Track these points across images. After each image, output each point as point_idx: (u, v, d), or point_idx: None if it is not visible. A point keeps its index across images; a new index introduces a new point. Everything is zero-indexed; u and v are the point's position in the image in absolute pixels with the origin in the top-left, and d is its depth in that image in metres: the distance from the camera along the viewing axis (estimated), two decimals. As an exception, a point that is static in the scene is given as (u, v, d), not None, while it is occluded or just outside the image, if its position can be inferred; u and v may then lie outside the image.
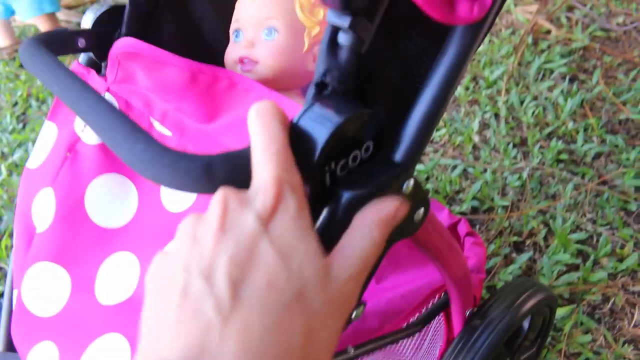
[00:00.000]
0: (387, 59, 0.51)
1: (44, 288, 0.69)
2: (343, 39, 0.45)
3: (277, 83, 0.70)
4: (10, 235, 1.48)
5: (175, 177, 0.39)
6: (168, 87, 0.67)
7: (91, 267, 0.68)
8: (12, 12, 2.39)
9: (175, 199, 0.65)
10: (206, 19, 0.83)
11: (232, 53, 0.73)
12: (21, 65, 2.31)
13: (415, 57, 0.53)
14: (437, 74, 0.46)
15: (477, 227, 1.24)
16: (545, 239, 1.19)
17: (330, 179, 0.43)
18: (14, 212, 1.60)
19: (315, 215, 0.43)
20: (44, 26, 2.31)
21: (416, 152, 0.46)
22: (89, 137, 0.69)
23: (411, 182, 0.45)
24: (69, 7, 2.52)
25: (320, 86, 0.45)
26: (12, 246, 1.45)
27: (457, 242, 0.89)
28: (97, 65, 0.78)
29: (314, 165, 0.41)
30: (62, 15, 2.46)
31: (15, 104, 2.07)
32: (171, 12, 0.79)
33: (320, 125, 0.41)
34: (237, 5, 0.75)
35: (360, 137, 0.44)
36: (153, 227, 0.66)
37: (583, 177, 1.29)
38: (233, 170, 0.39)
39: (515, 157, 1.36)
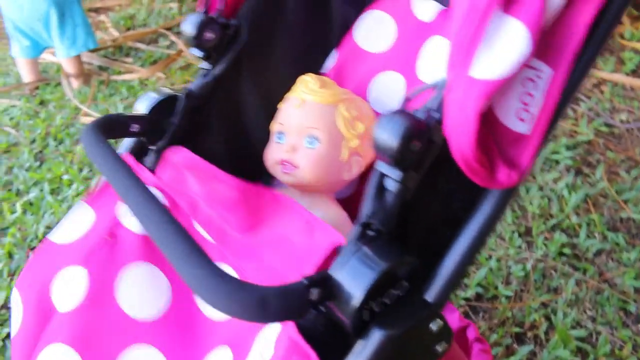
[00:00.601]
0: (425, 198, 0.54)
1: None
2: (391, 185, 0.50)
3: (313, 188, 0.75)
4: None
5: (230, 306, 0.43)
6: (215, 197, 0.69)
7: (109, 357, 0.66)
8: (42, 50, 2.45)
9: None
10: (253, 110, 0.87)
11: (274, 154, 0.76)
12: (41, 103, 2.36)
13: (449, 193, 0.57)
14: (472, 225, 0.50)
15: (481, 314, 1.27)
16: (546, 332, 1.22)
17: (368, 315, 0.47)
18: (25, 252, 1.63)
19: (349, 347, 0.48)
20: (70, 65, 2.38)
21: (448, 294, 0.50)
22: (132, 224, 0.70)
23: (440, 322, 0.49)
24: (91, 51, 2.59)
25: (365, 227, 0.49)
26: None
27: (464, 348, 0.93)
28: (142, 149, 0.81)
29: (358, 304, 0.45)
30: (84, 57, 2.52)
31: (34, 141, 2.11)
32: (220, 106, 0.83)
33: (368, 268, 0.46)
34: (282, 109, 0.79)
35: (397, 277, 0.48)
36: (185, 326, 0.67)
37: (584, 273, 1.33)
38: (285, 305, 0.43)
39: (520, 247, 1.41)
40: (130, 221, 0.70)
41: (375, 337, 0.46)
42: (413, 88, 0.52)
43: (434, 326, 0.49)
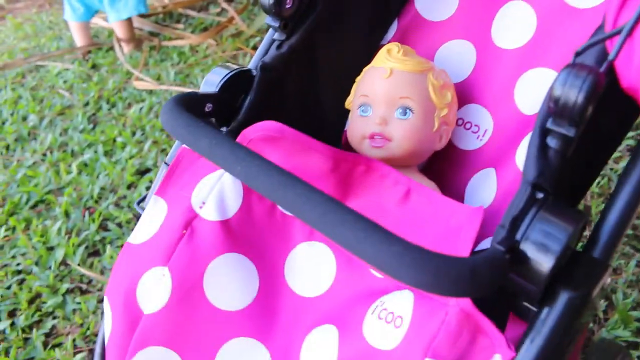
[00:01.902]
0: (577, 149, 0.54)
1: None
2: (553, 142, 0.48)
3: (404, 161, 0.71)
4: (77, 234, 1.51)
5: (440, 282, 0.39)
6: (304, 172, 0.65)
7: (208, 353, 0.63)
8: (93, 14, 2.46)
9: (306, 283, 0.64)
10: (324, 86, 0.84)
11: (361, 128, 0.72)
12: (94, 67, 2.38)
13: (599, 141, 0.57)
14: (633, 174, 0.49)
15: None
16: (605, 312, 1.19)
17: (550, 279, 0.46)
18: (81, 212, 1.65)
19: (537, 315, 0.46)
20: (121, 30, 2.38)
21: (613, 249, 0.49)
22: (208, 213, 0.64)
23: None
24: (142, 16, 2.59)
25: (535, 188, 0.47)
26: (78, 245, 1.49)
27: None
28: None
29: (549, 270, 0.44)
30: (135, 22, 2.53)
31: (87, 104, 2.13)
32: (295, 80, 0.79)
33: (556, 232, 0.45)
34: (365, 79, 0.75)
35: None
36: (280, 309, 0.64)
37: (646, 254, 1.29)
38: (493, 274, 0.41)
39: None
40: (206, 209, 0.64)
41: (563, 300, 0.45)
42: (588, 40, 0.49)
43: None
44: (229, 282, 0.63)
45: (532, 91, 0.70)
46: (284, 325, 0.63)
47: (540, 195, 0.47)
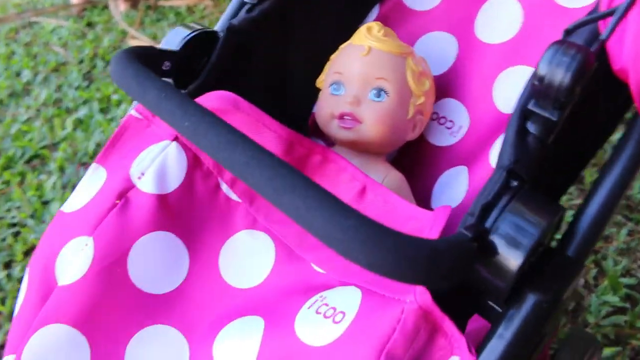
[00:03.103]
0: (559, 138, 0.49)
1: None
2: (533, 127, 0.44)
3: (371, 146, 0.67)
4: (72, 189, 1.50)
5: (394, 263, 0.34)
6: None
7: (120, 339, 0.56)
8: None
9: (240, 273, 0.59)
10: (295, 61, 0.78)
11: (330, 107, 0.67)
12: (89, 24, 2.33)
13: (584, 130, 0.52)
14: (615, 168, 0.45)
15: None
16: (596, 278, 1.20)
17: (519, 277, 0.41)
18: (76, 167, 1.63)
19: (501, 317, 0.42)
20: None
21: (590, 247, 0.45)
22: (146, 185, 0.58)
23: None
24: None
25: (510, 174, 0.43)
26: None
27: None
28: None
29: (518, 267, 0.40)
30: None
31: (82, 61, 2.08)
32: (263, 47, 0.73)
33: (528, 225, 0.40)
34: (340, 57, 0.70)
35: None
36: (207, 299, 0.58)
37: (637, 223, 1.30)
38: (456, 261, 0.37)
39: (571, 194, 1.38)
40: (144, 181, 0.59)
41: (530, 302, 0.41)
42: (578, 19, 0.45)
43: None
44: (156, 263, 0.58)
45: (512, 89, 0.65)
46: (207, 316, 0.57)
47: (514, 183, 0.43)
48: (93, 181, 0.62)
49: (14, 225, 1.41)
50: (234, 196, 0.60)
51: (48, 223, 1.37)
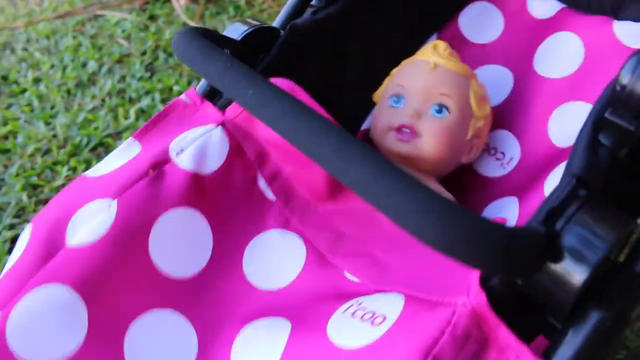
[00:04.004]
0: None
1: (44, 327, 0.47)
2: (606, 139, 0.42)
3: (427, 164, 0.65)
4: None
5: (472, 244, 0.32)
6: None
7: (123, 319, 0.51)
8: None
9: (264, 273, 0.55)
10: (349, 73, 0.77)
11: (389, 118, 0.66)
12: (151, 17, 2.38)
13: None
14: None
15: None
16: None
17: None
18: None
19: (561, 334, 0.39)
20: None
21: None
22: (184, 161, 0.56)
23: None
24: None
25: (579, 183, 0.41)
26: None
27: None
28: (215, 91, 0.68)
29: (583, 281, 0.37)
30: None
31: (144, 53, 2.14)
32: (322, 50, 0.72)
33: (596, 238, 0.37)
34: (403, 70, 0.70)
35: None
36: (224, 295, 0.54)
37: None
38: (530, 253, 0.35)
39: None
40: (183, 157, 0.56)
41: (592, 321, 0.38)
42: None
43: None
44: (179, 242, 0.54)
45: (569, 124, 0.64)
46: (224, 312, 0.54)
47: (583, 192, 0.40)
48: (125, 152, 0.59)
49: (80, 209, 1.45)
50: (269, 194, 0.59)
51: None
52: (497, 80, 0.76)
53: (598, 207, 0.39)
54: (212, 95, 0.66)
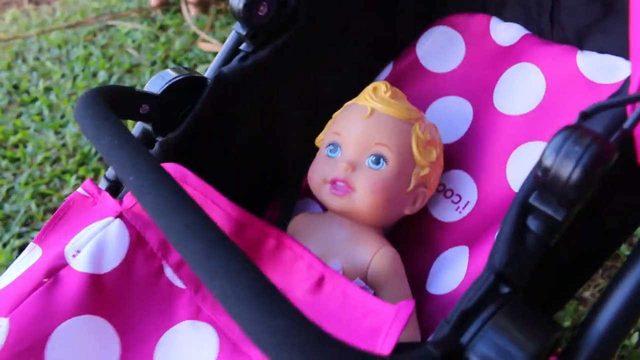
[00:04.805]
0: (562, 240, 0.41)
1: None
2: (534, 224, 0.37)
3: (365, 218, 0.61)
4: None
5: None
6: None
7: None
8: None
9: None
10: (291, 117, 0.72)
11: (323, 170, 0.63)
12: (161, 28, 2.40)
13: (590, 232, 0.44)
14: (630, 274, 0.37)
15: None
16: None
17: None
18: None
19: None
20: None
21: None
22: (79, 263, 0.53)
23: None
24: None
25: (500, 279, 0.37)
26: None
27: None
28: (148, 139, 0.64)
29: None
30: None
31: (154, 63, 2.15)
32: (254, 100, 0.67)
33: (513, 349, 0.33)
34: (341, 117, 0.65)
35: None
36: None
37: None
38: None
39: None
40: (79, 259, 0.53)
41: None
42: (598, 102, 0.38)
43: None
44: (80, 352, 0.52)
45: (528, 166, 0.55)
46: None
47: (505, 290, 0.36)
48: (25, 260, 0.56)
49: (87, 219, 1.46)
50: (178, 282, 0.55)
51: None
52: (456, 114, 0.71)
53: (519, 308, 0.35)
54: (147, 139, 0.63)
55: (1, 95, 2.08)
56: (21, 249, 1.43)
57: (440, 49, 0.75)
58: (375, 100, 0.63)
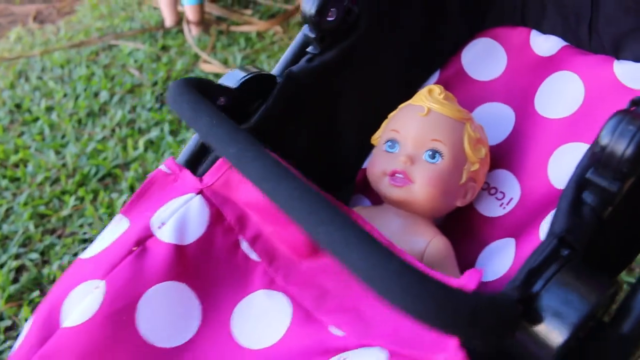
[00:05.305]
0: (619, 213, 0.46)
1: None
2: (590, 198, 0.42)
3: (422, 209, 0.66)
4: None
5: (435, 313, 0.33)
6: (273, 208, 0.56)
7: None
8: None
9: (252, 334, 0.57)
10: (349, 117, 0.77)
11: (383, 163, 0.67)
12: (163, 48, 2.42)
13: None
14: None
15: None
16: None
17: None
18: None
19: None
20: (192, 13, 2.40)
21: None
22: (165, 234, 0.58)
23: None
24: (211, 1, 2.61)
25: (561, 243, 0.41)
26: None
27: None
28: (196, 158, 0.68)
29: (562, 341, 0.37)
30: (205, 6, 2.55)
31: (155, 83, 2.16)
32: (317, 98, 0.72)
33: (577, 299, 0.38)
34: (398, 115, 0.71)
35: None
36: (216, 358, 0.56)
37: None
38: (497, 320, 0.35)
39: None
40: (164, 230, 0.58)
41: None
42: None
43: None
44: (166, 314, 0.56)
45: (568, 165, 0.61)
46: None
47: (565, 252, 0.40)
48: (115, 230, 0.62)
49: (85, 241, 1.46)
50: (253, 255, 0.60)
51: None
52: (498, 119, 0.76)
53: (580, 267, 0.39)
54: (194, 161, 0.67)
55: (3, 114, 2.09)
56: (18, 270, 1.43)
57: (484, 59, 0.80)
58: (430, 101, 0.68)
